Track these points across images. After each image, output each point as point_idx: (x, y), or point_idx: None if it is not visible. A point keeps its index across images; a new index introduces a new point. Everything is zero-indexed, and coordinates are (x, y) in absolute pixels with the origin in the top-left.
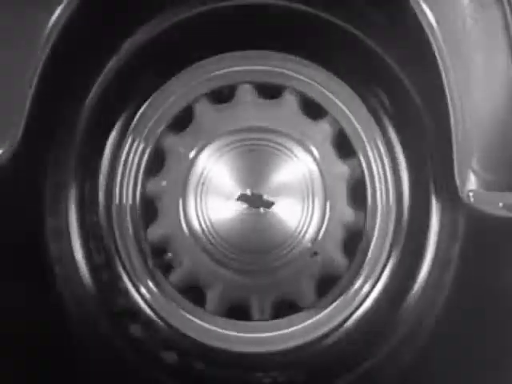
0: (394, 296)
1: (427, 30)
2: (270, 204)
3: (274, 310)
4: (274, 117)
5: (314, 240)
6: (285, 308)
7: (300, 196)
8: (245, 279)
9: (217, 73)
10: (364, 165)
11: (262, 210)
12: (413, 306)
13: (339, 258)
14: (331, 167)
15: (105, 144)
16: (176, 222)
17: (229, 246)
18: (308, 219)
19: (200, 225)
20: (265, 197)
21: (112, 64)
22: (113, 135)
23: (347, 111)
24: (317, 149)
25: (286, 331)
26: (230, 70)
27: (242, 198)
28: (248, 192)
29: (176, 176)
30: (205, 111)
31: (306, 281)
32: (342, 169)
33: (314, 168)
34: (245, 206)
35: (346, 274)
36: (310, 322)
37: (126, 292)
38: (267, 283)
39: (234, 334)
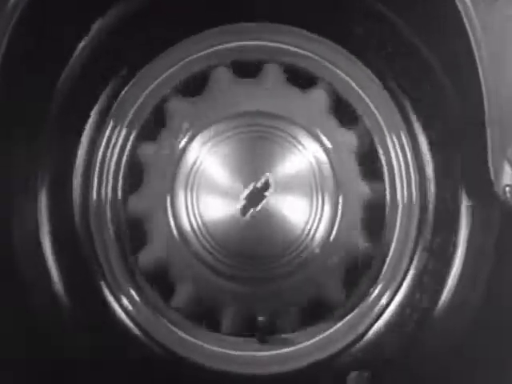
0: (417, 308)
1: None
2: (272, 201)
3: (277, 324)
4: (275, 100)
5: (325, 243)
6: (290, 323)
7: (307, 191)
8: (243, 289)
9: (209, 51)
10: (382, 157)
11: (263, 208)
12: (439, 319)
13: (355, 264)
14: (344, 158)
15: (81, 130)
16: (163, 223)
17: (225, 251)
18: (317, 218)
19: (191, 226)
20: (267, 193)
21: (90, 38)
22: (91, 120)
23: (363, 95)
24: (327, 137)
25: (291, 349)
26: (221, 47)
27: (241, 194)
28: (248, 187)
29: (164, 168)
30: (199, 93)
31: (314, 291)
32: (355, 156)
33: (325, 159)
34: (244, 203)
35: (360, 284)
36: (318, 338)
37: (106, 303)
38: (269, 294)
39: (230, 352)
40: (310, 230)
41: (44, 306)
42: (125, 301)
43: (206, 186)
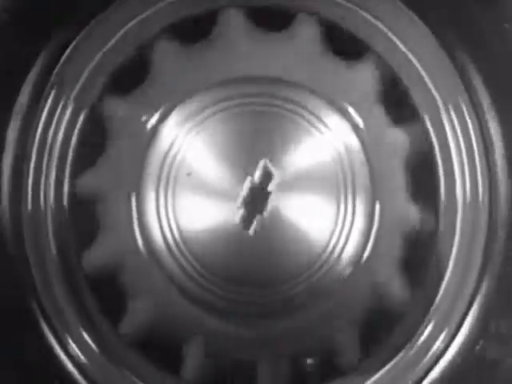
0: (479, 363)
1: None
2: (282, 206)
3: (295, 376)
4: (288, 62)
5: (355, 266)
6: (312, 373)
7: (332, 192)
8: (242, 330)
9: None
10: (434, 138)
11: (269, 215)
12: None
13: (396, 293)
14: (382, 143)
15: (11, 106)
16: (127, 237)
17: (213, 277)
18: (346, 230)
19: (165, 240)
20: (274, 195)
21: None
22: (24, 91)
23: (405, 50)
24: (359, 113)
25: None
26: None
27: (237, 195)
28: (247, 186)
29: (128, 158)
30: (171, 52)
31: (343, 330)
32: (398, 145)
33: (356, 145)
34: (241, 208)
35: (406, 319)
36: None
37: (47, 348)
38: (280, 336)
39: None
40: (334, 246)
41: None
42: (73, 346)
43: (188, 184)
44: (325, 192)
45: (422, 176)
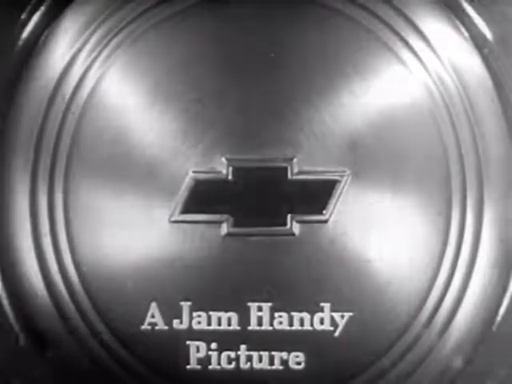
0: None
1: None
2: (334, 221)
3: None
4: None
5: (480, 340)
6: None
7: (435, 188)
8: None
9: None
10: None
11: (290, 236)
12: None
13: None
14: None
15: None
16: None
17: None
18: (460, 276)
19: (54, 297)
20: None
21: None
22: None
23: None
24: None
25: None
26: None
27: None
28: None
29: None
30: None
31: None
32: None
33: (480, 80)
34: (226, 222)
35: None
36: None
37: None
38: None
39: None
40: (437, 307)
41: None
42: None
43: (97, 172)
44: (424, 187)
45: None
